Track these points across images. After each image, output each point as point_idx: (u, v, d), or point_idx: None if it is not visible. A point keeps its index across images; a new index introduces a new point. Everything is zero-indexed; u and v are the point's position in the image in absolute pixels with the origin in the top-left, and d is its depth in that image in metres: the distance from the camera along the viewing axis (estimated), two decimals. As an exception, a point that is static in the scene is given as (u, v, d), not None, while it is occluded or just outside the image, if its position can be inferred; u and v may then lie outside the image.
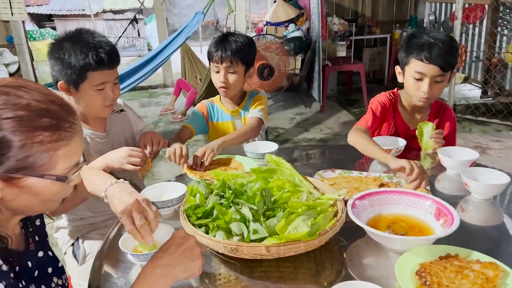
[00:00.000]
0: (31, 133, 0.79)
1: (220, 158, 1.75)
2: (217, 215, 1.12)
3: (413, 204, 1.25)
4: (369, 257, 1.16)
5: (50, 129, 0.81)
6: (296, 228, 1.04)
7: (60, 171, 0.85)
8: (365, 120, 1.91)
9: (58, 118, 0.83)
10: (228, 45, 1.92)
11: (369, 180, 1.46)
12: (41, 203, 0.87)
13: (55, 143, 0.82)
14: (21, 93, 0.81)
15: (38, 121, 0.80)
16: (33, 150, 0.79)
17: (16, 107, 0.78)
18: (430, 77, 1.68)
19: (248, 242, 1.04)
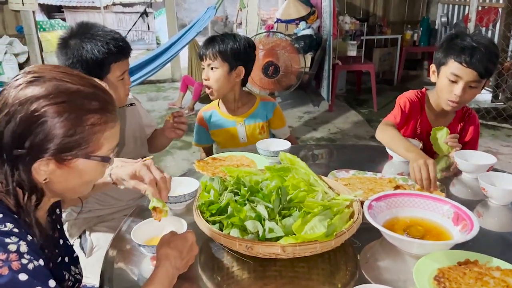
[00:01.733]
0: (84, 115, 0.85)
1: (232, 155, 1.73)
2: (232, 212, 1.10)
3: (431, 207, 1.23)
4: (384, 260, 1.14)
5: (100, 112, 0.87)
6: (312, 228, 1.02)
7: (105, 152, 0.91)
8: (393, 116, 1.86)
9: (105, 101, 0.89)
10: (213, 43, 1.92)
11: (384, 182, 1.44)
12: (83, 184, 0.93)
13: (104, 125, 0.88)
14: (68, 78, 0.86)
15: (88, 104, 0.86)
16: (85, 131, 0.85)
17: (68, 91, 0.84)
18: (466, 81, 1.62)
19: (263, 240, 1.03)
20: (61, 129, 0.82)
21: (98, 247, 1.72)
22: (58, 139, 0.82)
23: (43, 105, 0.81)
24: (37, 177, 0.86)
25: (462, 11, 6.56)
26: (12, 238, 0.78)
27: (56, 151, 0.83)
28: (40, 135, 0.81)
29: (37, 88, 0.82)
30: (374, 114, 5.52)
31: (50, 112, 0.81)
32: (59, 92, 0.83)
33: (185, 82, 5.77)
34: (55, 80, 0.84)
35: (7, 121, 0.81)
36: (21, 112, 0.80)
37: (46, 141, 0.82)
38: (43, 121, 0.81)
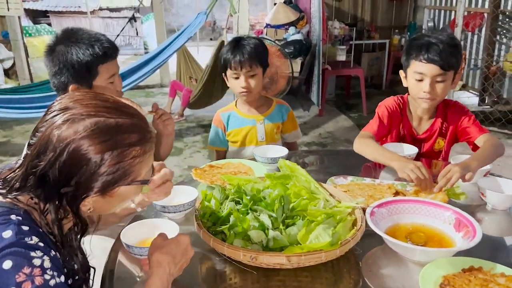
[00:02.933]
0: (126, 150, 0.86)
1: (229, 162, 1.71)
2: (235, 222, 1.09)
3: (432, 214, 1.23)
4: (387, 267, 1.13)
5: (140, 144, 0.88)
6: (317, 237, 1.02)
7: (144, 176, 0.93)
8: (371, 126, 1.89)
9: (143, 131, 0.90)
10: (243, 49, 1.89)
11: (383, 188, 1.44)
12: (119, 206, 0.96)
13: (144, 154, 0.90)
14: (105, 111, 0.86)
15: (129, 138, 0.86)
16: (128, 165, 0.87)
17: (108, 128, 0.84)
18: (431, 77, 1.66)
19: (268, 250, 1.01)
20: (105, 167, 0.84)
21: (92, 256, 1.69)
22: (103, 177, 0.85)
23: (87, 145, 0.82)
24: (83, 209, 0.90)
25: (448, 16, 6.66)
26: (37, 252, 0.79)
27: (101, 188, 0.86)
28: (86, 173, 0.83)
29: (79, 127, 0.83)
30: (364, 118, 5.55)
31: (94, 151, 0.82)
32: (100, 130, 0.83)
33: (173, 87, 5.73)
34: (94, 117, 0.84)
35: (53, 161, 0.82)
36: (66, 152, 0.82)
37: (91, 179, 0.84)
38: (87, 160, 0.82)
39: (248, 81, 1.93)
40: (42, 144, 0.83)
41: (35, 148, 0.84)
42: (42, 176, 0.83)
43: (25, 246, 0.79)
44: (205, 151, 4.61)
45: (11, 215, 0.83)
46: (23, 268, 0.76)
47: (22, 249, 0.78)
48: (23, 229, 0.81)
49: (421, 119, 1.90)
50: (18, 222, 0.81)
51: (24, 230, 0.81)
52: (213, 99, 5.42)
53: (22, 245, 0.78)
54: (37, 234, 0.83)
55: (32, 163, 0.84)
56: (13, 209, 0.85)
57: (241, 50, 1.89)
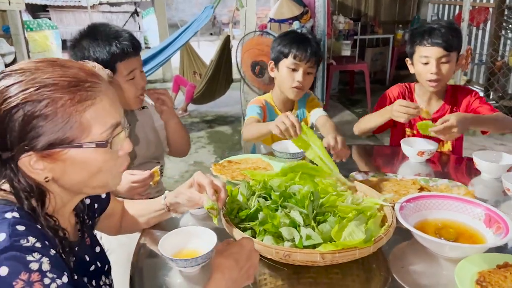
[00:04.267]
0: (53, 102, 0.76)
1: (248, 158, 1.69)
2: (265, 219, 1.07)
3: (461, 209, 1.21)
4: (417, 264, 1.11)
5: (69, 92, 0.77)
6: (351, 234, 1.00)
7: (98, 136, 0.81)
8: None
9: (76, 79, 0.79)
10: (310, 45, 1.83)
11: (408, 183, 1.42)
12: (93, 175, 0.84)
13: (78, 104, 0.78)
14: (39, 72, 0.78)
15: (56, 88, 0.76)
16: (59, 118, 0.76)
17: (32, 81, 0.76)
18: (436, 59, 1.76)
19: (301, 248, 1.00)
20: (23, 122, 0.75)
21: (110, 251, 1.67)
22: (24, 134, 0.76)
23: (5, 98, 0.75)
24: (36, 177, 0.81)
25: (453, 11, 6.63)
26: (34, 255, 0.73)
27: (35, 147, 0.77)
28: (12, 131, 0.76)
29: (5, 81, 0.77)
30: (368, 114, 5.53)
31: (12, 104, 0.75)
32: (25, 82, 0.76)
33: (177, 82, 5.70)
34: (27, 72, 0.77)
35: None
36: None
37: (18, 137, 0.76)
38: (9, 115, 0.75)
39: (305, 77, 1.86)
40: None
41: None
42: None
43: (21, 249, 0.72)
44: (210, 147, 4.59)
45: (6, 213, 0.77)
46: (20, 274, 0.70)
47: (17, 252, 0.71)
48: (18, 229, 0.74)
49: (430, 102, 1.94)
50: (13, 222, 0.75)
51: (19, 231, 0.74)
52: (217, 95, 5.40)
53: (17, 248, 0.72)
54: (35, 233, 0.76)
55: None
56: (6, 205, 0.79)
57: (309, 43, 1.82)
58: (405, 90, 2.00)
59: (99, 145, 0.81)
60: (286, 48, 1.85)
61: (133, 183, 1.36)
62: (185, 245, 1.12)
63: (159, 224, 1.28)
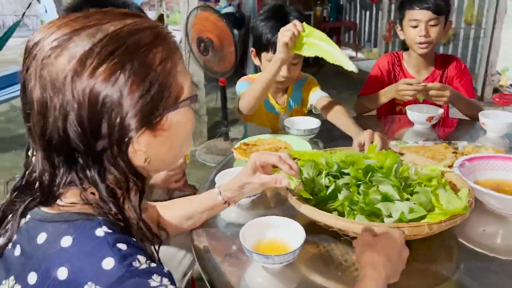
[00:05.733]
0: (146, 56, 0.63)
1: (262, 139, 1.57)
2: (350, 197, 0.99)
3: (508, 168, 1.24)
4: (486, 226, 1.11)
5: (159, 43, 0.65)
6: (450, 202, 0.96)
7: (189, 92, 0.71)
8: (366, 88, 2.03)
9: (156, 29, 0.67)
10: None
11: (440, 148, 1.43)
12: (185, 142, 0.74)
13: (173, 56, 0.67)
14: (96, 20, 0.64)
15: (143, 39, 0.63)
16: (159, 75, 0.64)
17: (110, 36, 0.61)
18: (425, 22, 1.82)
19: (407, 222, 0.93)
20: (132, 89, 0.61)
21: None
22: (138, 104, 0.62)
23: (88, 73, 0.59)
24: (137, 161, 0.67)
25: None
26: (154, 277, 0.60)
27: (142, 119, 0.63)
28: (113, 112, 0.61)
29: (70, 51, 0.60)
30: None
31: (103, 76, 0.59)
32: (102, 46, 0.60)
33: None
34: (86, 29, 0.61)
35: (63, 116, 0.60)
36: (72, 94, 0.59)
37: (124, 114, 0.61)
38: (103, 94, 0.60)
39: (291, 69, 1.68)
40: (39, 101, 0.61)
41: (34, 112, 0.61)
42: (63, 143, 0.61)
43: (139, 274, 0.59)
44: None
45: (94, 229, 0.62)
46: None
47: (137, 278, 0.58)
48: (122, 249, 0.60)
49: (420, 68, 2.00)
50: (112, 241, 0.61)
51: (124, 251, 0.60)
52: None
53: (135, 273, 0.59)
54: (137, 248, 0.63)
55: (42, 136, 0.62)
56: (88, 220, 0.63)
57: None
58: (394, 59, 2.04)
59: (193, 100, 0.71)
60: (265, 38, 1.64)
61: (169, 171, 1.19)
62: (263, 235, 0.99)
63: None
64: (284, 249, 0.96)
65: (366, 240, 0.84)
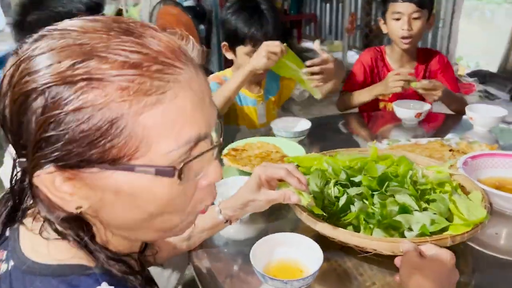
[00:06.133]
0: (94, 89, 0.44)
1: (249, 143, 1.47)
2: (364, 209, 0.91)
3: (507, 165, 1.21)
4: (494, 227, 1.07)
5: (124, 76, 0.44)
6: (470, 210, 0.90)
7: (161, 157, 0.47)
8: (349, 85, 1.99)
9: (140, 55, 0.46)
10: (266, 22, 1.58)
11: (436, 146, 1.38)
12: (151, 216, 0.52)
13: (135, 99, 0.45)
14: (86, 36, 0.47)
15: (103, 67, 0.44)
16: (100, 117, 0.44)
17: (70, 51, 0.45)
18: (408, 15, 1.79)
19: (429, 235, 0.87)
20: (42, 116, 0.45)
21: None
22: (42, 136, 0.45)
23: (26, 73, 0.46)
24: (62, 203, 0.49)
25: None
26: None
27: (53, 158, 0.46)
28: (28, 129, 0.46)
29: (36, 45, 0.47)
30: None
31: (32, 85, 0.45)
32: (59, 50, 0.45)
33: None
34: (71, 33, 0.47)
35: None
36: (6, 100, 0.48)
37: (34, 140, 0.46)
38: (26, 102, 0.46)
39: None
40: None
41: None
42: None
43: None
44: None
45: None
46: None
47: None
48: None
49: (403, 64, 1.97)
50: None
51: None
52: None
53: None
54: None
55: None
56: (84, 274, 0.51)
57: (265, 19, 1.55)
58: (376, 54, 2.00)
59: (161, 173, 0.48)
60: (241, 32, 1.57)
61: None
62: (272, 256, 0.90)
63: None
64: (298, 269, 0.88)
65: (413, 262, 0.76)
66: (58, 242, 0.52)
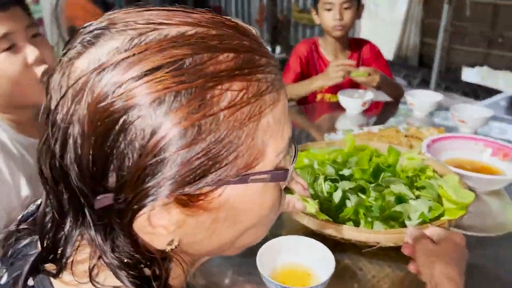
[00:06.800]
0: (211, 88, 0.36)
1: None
2: (361, 203, 0.89)
3: (468, 147, 1.28)
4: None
5: (238, 76, 0.38)
6: (458, 194, 0.93)
7: (272, 162, 0.42)
8: (287, 77, 1.98)
9: (247, 51, 0.40)
10: None
11: (392, 133, 1.42)
12: (247, 229, 0.45)
13: (255, 103, 0.39)
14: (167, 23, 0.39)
15: (217, 64, 0.37)
16: (218, 122, 0.37)
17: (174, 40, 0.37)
18: (338, 5, 1.85)
19: (429, 221, 0.87)
20: (163, 137, 0.36)
21: None
22: (168, 160, 0.36)
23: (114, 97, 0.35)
24: (155, 243, 0.40)
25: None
26: None
27: (171, 186, 0.37)
28: (130, 153, 0.36)
29: (102, 47, 0.38)
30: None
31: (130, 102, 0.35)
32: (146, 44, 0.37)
33: None
34: (135, 25, 0.39)
35: (63, 132, 0.38)
36: (81, 107, 0.37)
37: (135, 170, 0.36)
38: (125, 117, 0.35)
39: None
40: (47, 106, 0.40)
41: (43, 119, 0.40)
42: (63, 176, 0.39)
43: None
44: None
45: None
46: None
47: None
48: None
49: (337, 52, 2.01)
50: None
51: None
52: None
53: None
54: None
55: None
56: None
57: None
58: (311, 45, 2.02)
59: (276, 177, 0.42)
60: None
61: None
62: (276, 261, 0.84)
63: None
64: (306, 273, 0.83)
65: (430, 249, 0.73)
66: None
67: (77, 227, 0.42)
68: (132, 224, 0.38)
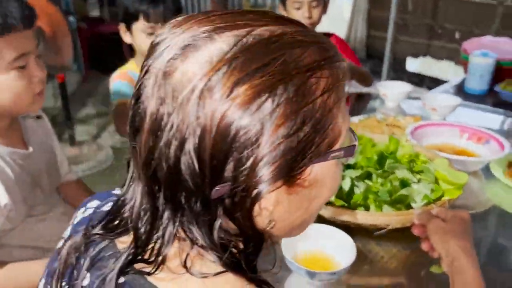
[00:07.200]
0: (306, 80, 0.42)
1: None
2: (370, 189, 0.95)
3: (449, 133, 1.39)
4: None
5: (325, 65, 0.44)
6: (453, 176, 1.01)
7: (343, 139, 0.48)
8: None
9: (324, 45, 0.46)
10: None
11: (373, 123, 1.50)
12: (315, 209, 0.51)
13: (337, 89, 0.45)
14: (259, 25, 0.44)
15: (301, 59, 0.42)
16: (316, 108, 0.43)
17: (266, 44, 0.42)
18: (307, 3, 1.94)
19: (432, 202, 0.95)
20: (276, 125, 0.41)
21: None
22: (278, 147, 0.42)
23: (223, 90, 0.40)
24: (258, 224, 0.46)
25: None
26: None
27: (279, 170, 0.42)
28: (246, 151, 0.41)
29: (204, 55, 0.41)
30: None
31: (243, 97, 0.40)
32: (246, 48, 0.41)
33: None
34: (232, 28, 0.43)
35: (179, 142, 0.42)
36: (191, 116, 0.41)
37: (258, 159, 0.42)
38: (237, 124, 0.41)
39: None
40: (152, 115, 0.43)
41: (144, 129, 0.43)
42: (171, 178, 0.43)
43: None
44: None
45: None
46: None
47: None
48: None
49: None
50: None
51: None
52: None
53: None
54: None
55: (147, 163, 0.44)
56: None
57: None
58: None
59: (348, 153, 0.48)
60: (132, 7, 1.52)
61: None
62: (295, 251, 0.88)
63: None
64: (327, 260, 0.88)
65: (443, 228, 0.79)
66: (216, 279, 0.43)
67: (174, 224, 0.44)
68: (253, 209, 0.44)
